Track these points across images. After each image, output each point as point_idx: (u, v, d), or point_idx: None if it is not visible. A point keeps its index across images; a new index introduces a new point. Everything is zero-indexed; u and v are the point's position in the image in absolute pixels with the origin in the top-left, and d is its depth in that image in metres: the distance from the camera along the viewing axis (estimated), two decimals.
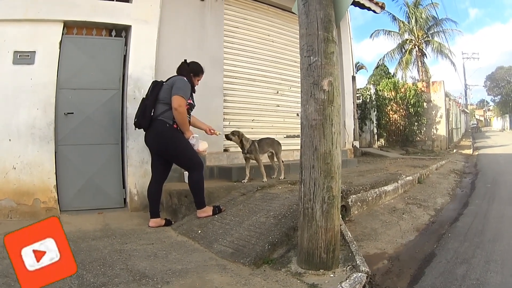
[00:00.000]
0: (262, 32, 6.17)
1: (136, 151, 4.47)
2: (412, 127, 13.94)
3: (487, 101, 62.46)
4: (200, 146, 3.65)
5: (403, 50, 21.96)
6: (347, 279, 2.19)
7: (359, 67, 23.64)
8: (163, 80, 3.71)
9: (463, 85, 41.54)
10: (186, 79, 3.64)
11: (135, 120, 3.64)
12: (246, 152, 4.53)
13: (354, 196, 3.77)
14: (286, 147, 5.79)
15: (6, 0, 4.03)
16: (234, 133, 4.55)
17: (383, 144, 13.72)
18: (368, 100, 13.51)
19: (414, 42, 21.43)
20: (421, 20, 20.73)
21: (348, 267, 2.37)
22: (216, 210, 3.60)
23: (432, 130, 14.05)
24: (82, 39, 4.46)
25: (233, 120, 5.62)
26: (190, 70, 3.78)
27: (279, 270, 2.45)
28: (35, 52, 4.10)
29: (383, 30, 21.71)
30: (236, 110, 5.77)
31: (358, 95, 12.35)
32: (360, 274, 2.25)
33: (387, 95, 14.00)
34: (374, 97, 13.64)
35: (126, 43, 4.63)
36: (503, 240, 3.23)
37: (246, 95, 5.91)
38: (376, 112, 13.56)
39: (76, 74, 4.35)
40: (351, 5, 4.29)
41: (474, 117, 50.52)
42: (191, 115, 3.78)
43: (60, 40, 4.24)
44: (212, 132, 4.06)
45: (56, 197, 4.13)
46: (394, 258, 2.90)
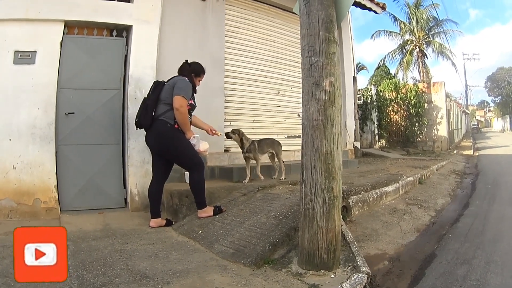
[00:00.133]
0: (263, 32, 6.16)
1: (137, 151, 4.47)
2: (413, 128, 13.95)
3: (487, 102, 62.53)
4: (201, 146, 3.65)
5: (404, 51, 21.98)
6: (347, 280, 2.19)
7: (360, 67, 23.63)
8: (165, 80, 3.72)
9: (463, 85, 41.62)
10: (188, 79, 3.64)
11: (136, 120, 3.64)
12: (246, 151, 4.54)
13: (355, 196, 3.77)
14: (287, 148, 5.79)
15: (7, 0, 4.03)
16: (234, 131, 4.56)
17: (384, 144, 13.71)
18: (369, 101, 13.50)
19: (415, 42, 21.45)
20: (422, 21, 20.76)
21: (349, 268, 2.37)
22: (217, 211, 3.60)
23: (433, 130, 14.06)
24: (83, 39, 4.46)
25: (234, 120, 5.61)
26: (191, 71, 3.79)
27: (279, 270, 2.45)
28: (35, 52, 4.10)
29: (384, 30, 21.79)
30: (237, 110, 5.76)
31: (359, 95, 12.34)
32: (360, 274, 2.25)
33: (388, 95, 14.01)
34: (375, 97, 13.62)
35: (127, 43, 4.63)
36: (504, 241, 3.23)
37: (247, 95, 5.91)
38: (377, 112, 13.55)
39: (77, 74, 4.35)
40: (352, 5, 4.28)
41: (474, 118, 50.49)
42: (192, 115, 3.79)
43: (61, 40, 4.24)
44: (214, 132, 4.06)
45: (57, 197, 4.13)
46: (395, 258, 2.90)
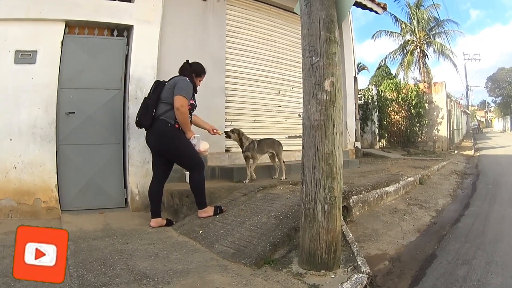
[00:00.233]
0: (264, 32, 6.16)
1: (137, 151, 4.46)
2: (413, 128, 13.95)
3: (488, 102, 62.45)
4: (201, 146, 3.65)
5: (405, 51, 21.97)
6: (348, 280, 2.19)
7: (361, 67, 23.62)
8: (165, 80, 3.72)
9: (464, 86, 41.57)
10: (188, 79, 3.64)
11: (137, 119, 3.64)
12: (244, 150, 4.54)
13: (355, 196, 3.77)
14: (287, 148, 5.79)
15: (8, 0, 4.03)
16: (233, 130, 4.56)
17: (385, 145, 13.70)
18: (369, 101, 13.50)
19: (415, 43, 21.43)
20: (422, 21, 20.73)
21: (349, 268, 2.37)
22: (217, 210, 3.60)
23: (434, 131, 14.06)
24: (84, 38, 4.45)
25: (235, 120, 5.61)
26: (192, 71, 3.79)
27: (280, 270, 2.45)
28: (36, 51, 4.09)
29: (385, 31, 21.75)
30: (238, 110, 5.76)
31: (359, 95, 12.36)
32: (361, 275, 2.25)
33: (389, 96, 14.00)
34: (375, 98, 13.62)
35: (128, 43, 4.63)
36: (504, 241, 3.23)
37: (248, 95, 5.91)
38: (377, 113, 13.54)
39: (78, 73, 4.35)
40: (353, 5, 4.28)
41: (475, 118, 50.47)
42: (192, 115, 3.79)
43: (62, 40, 4.23)
44: (215, 132, 4.06)
45: (57, 196, 4.12)
46: (395, 259, 2.90)
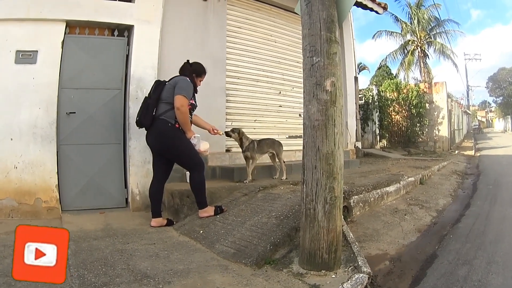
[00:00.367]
0: (264, 32, 6.15)
1: (138, 151, 4.47)
2: (414, 128, 13.95)
3: (489, 102, 62.20)
4: (202, 146, 3.65)
5: (406, 51, 21.94)
6: (348, 280, 2.19)
7: (361, 67, 23.57)
8: (166, 80, 3.72)
9: (465, 86, 41.50)
10: (189, 79, 3.65)
11: (137, 118, 3.64)
12: (244, 150, 4.54)
13: (356, 196, 3.77)
14: (288, 148, 5.79)
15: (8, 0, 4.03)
16: (234, 130, 4.57)
17: (385, 145, 13.71)
18: (370, 101, 13.50)
19: (416, 43, 21.41)
20: (423, 21, 20.71)
21: (350, 268, 2.37)
22: (218, 210, 3.60)
23: (434, 131, 14.05)
24: (84, 38, 4.46)
25: (235, 120, 5.61)
26: (192, 71, 3.79)
27: (280, 270, 2.45)
28: (37, 51, 4.10)
29: (386, 31, 21.70)
30: (239, 110, 5.76)
31: (360, 95, 12.34)
32: (361, 275, 2.25)
33: (389, 96, 14.00)
34: (376, 98, 13.62)
35: (129, 43, 4.63)
36: (505, 242, 3.23)
37: (249, 95, 5.90)
38: (378, 113, 13.55)
39: (79, 73, 4.35)
40: (353, 5, 4.28)
41: (476, 118, 50.43)
42: (193, 114, 3.79)
43: (63, 40, 4.24)
44: (216, 132, 4.06)
45: (58, 196, 4.13)
46: (396, 259, 2.90)
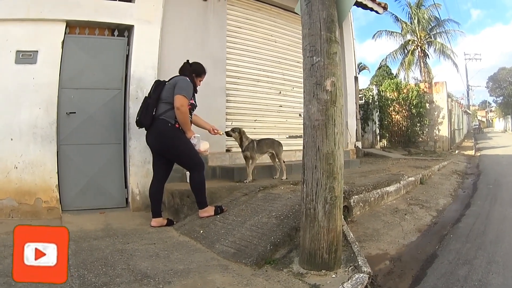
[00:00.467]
0: (265, 32, 6.15)
1: (138, 151, 4.46)
2: (414, 128, 13.94)
3: (489, 102, 62.10)
4: (201, 146, 3.64)
5: (406, 51, 21.97)
6: (349, 280, 2.19)
7: (361, 67, 23.54)
8: (166, 80, 3.72)
9: (465, 86, 41.43)
10: (189, 79, 3.64)
11: (137, 118, 3.64)
12: (244, 149, 4.54)
13: (356, 196, 3.76)
14: (288, 148, 5.79)
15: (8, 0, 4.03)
16: (234, 129, 4.57)
17: (386, 144, 13.70)
18: (370, 101, 13.49)
19: (416, 43, 21.43)
20: (423, 21, 20.72)
21: (350, 268, 2.37)
22: (218, 210, 3.60)
23: (434, 131, 14.05)
24: (84, 38, 4.46)
25: (236, 120, 5.60)
26: (192, 71, 3.79)
27: (281, 270, 2.45)
28: (37, 51, 4.10)
29: (386, 30, 21.74)
30: (239, 110, 5.76)
31: (360, 95, 12.34)
32: (362, 274, 2.25)
33: (390, 95, 14.00)
34: (376, 97, 13.62)
35: (129, 43, 4.63)
36: (505, 241, 3.23)
37: (249, 95, 5.90)
38: (378, 112, 13.54)
39: (79, 73, 4.35)
40: (353, 5, 4.28)
41: (476, 118, 50.41)
42: (193, 114, 3.79)
43: (63, 40, 4.23)
44: (216, 132, 4.06)
45: (58, 196, 4.13)
46: (396, 259, 2.90)
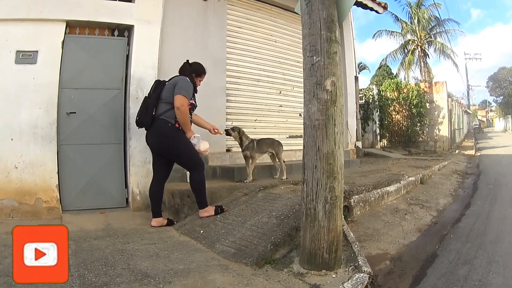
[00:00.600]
0: (265, 32, 6.15)
1: (138, 151, 4.46)
2: (414, 128, 13.94)
3: (489, 101, 61.99)
4: (201, 146, 3.64)
5: (406, 51, 21.98)
6: (349, 280, 2.19)
7: (361, 67, 23.56)
8: (166, 80, 3.72)
9: (465, 85, 41.49)
10: (189, 79, 3.64)
11: (137, 118, 3.64)
12: (244, 149, 4.54)
13: (356, 196, 3.77)
14: (288, 147, 5.79)
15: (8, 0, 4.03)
16: (234, 129, 4.58)
17: (386, 144, 13.71)
18: (370, 101, 13.49)
19: (416, 42, 21.44)
20: (423, 21, 20.74)
21: (350, 268, 2.37)
22: (218, 210, 3.60)
23: (435, 130, 14.05)
24: (84, 38, 4.45)
25: (236, 120, 5.60)
26: (192, 71, 3.78)
27: (281, 270, 2.45)
28: (37, 51, 4.09)
29: (386, 30, 21.76)
30: (239, 110, 5.75)
31: (360, 95, 12.35)
32: (362, 274, 2.25)
33: (390, 95, 14.00)
34: (376, 97, 13.62)
35: (129, 43, 4.62)
36: (505, 241, 3.23)
37: (249, 95, 5.90)
38: (378, 112, 13.54)
39: (79, 73, 4.35)
40: (353, 5, 4.28)
41: (476, 117, 50.41)
42: (193, 114, 3.79)
43: (63, 40, 4.23)
44: (216, 131, 4.06)
45: (58, 196, 4.12)
46: (396, 258, 2.90)
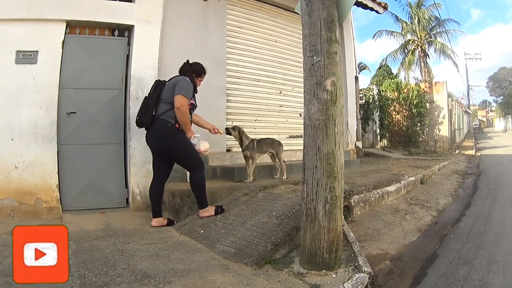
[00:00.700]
0: (265, 32, 6.15)
1: (138, 151, 4.46)
2: (414, 128, 13.94)
3: (489, 101, 62.00)
4: (201, 146, 3.64)
5: (406, 51, 21.95)
6: (349, 280, 2.19)
7: (362, 67, 23.54)
8: (166, 80, 3.72)
9: (465, 85, 41.50)
10: (189, 79, 3.64)
11: (137, 118, 3.64)
12: (244, 149, 4.54)
13: (356, 196, 3.77)
14: (289, 147, 5.80)
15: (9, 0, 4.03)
16: (234, 128, 4.58)
17: (386, 144, 13.70)
18: (371, 101, 13.50)
19: (416, 42, 21.41)
20: (423, 21, 20.71)
21: (351, 268, 2.37)
22: (218, 210, 3.60)
23: (435, 130, 14.05)
24: (84, 38, 4.45)
25: (236, 120, 5.60)
26: (192, 71, 3.78)
27: (281, 270, 2.45)
28: (37, 51, 4.09)
29: (386, 30, 21.70)
30: (239, 110, 5.75)
31: (361, 95, 12.35)
32: (362, 274, 2.25)
33: (390, 95, 14.00)
34: (377, 97, 13.62)
35: (129, 43, 4.62)
36: (505, 241, 3.23)
37: (249, 95, 5.90)
38: (378, 112, 13.55)
39: (79, 73, 4.35)
40: (354, 5, 4.28)
41: (476, 117, 50.38)
42: (193, 114, 3.79)
43: (63, 40, 4.23)
44: (216, 131, 4.06)
45: (59, 196, 4.12)
46: (397, 258, 2.90)
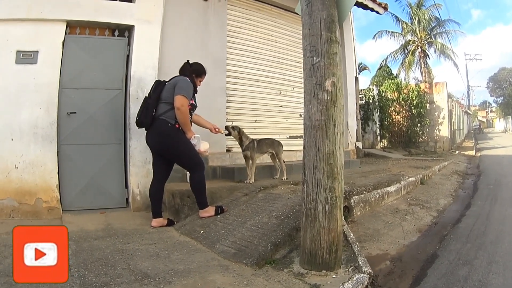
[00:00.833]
0: (265, 32, 6.15)
1: (139, 151, 4.46)
2: (414, 128, 13.94)
3: (489, 102, 62.03)
4: (202, 146, 3.64)
5: (406, 51, 21.96)
6: (349, 280, 2.19)
7: (362, 68, 23.52)
8: (166, 80, 3.72)
9: (465, 86, 41.53)
10: (189, 79, 3.64)
11: (137, 118, 3.64)
12: (244, 149, 4.54)
13: (356, 197, 3.77)
14: (289, 148, 5.79)
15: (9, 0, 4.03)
16: (234, 127, 4.57)
17: (386, 145, 13.71)
18: (371, 101, 13.49)
19: (417, 43, 21.41)
20: (424, 21, 20.71)
21: (351, 268, 2.37)
22: (218, 210, 3.60)
23: (435, 131, 14.05)
24: (85, 39, 4.45)
25: (236, 120, 5.58)
26: (192, 71, 3.78)
27: (281, 270, 2.45)
28: (38, 51, 4.09)
29: (386, 31, 21.70)
30: (239, 110, 5.76)
31: (361, 96, 12.35)
32: (362, 275, 2.25)
33: (390, 96, 14.00)
34: (377, 98, 13.62)
35: (129, 43, 4.62)
36: (505, 242, 3.23)
37: (249, 95, 5.90)
38: (379, 113, 13.54)
39: (79, 74, 4.35)
40: (354, 5, 4.28)
41: (476, 118, 50.39)
42: (195, 114, 3.79)
43: (63, 40, 4.23)
44: (217, 130, 4.06)
45: (59, 196, 4.12)
46: (397, 259, 2.90)
